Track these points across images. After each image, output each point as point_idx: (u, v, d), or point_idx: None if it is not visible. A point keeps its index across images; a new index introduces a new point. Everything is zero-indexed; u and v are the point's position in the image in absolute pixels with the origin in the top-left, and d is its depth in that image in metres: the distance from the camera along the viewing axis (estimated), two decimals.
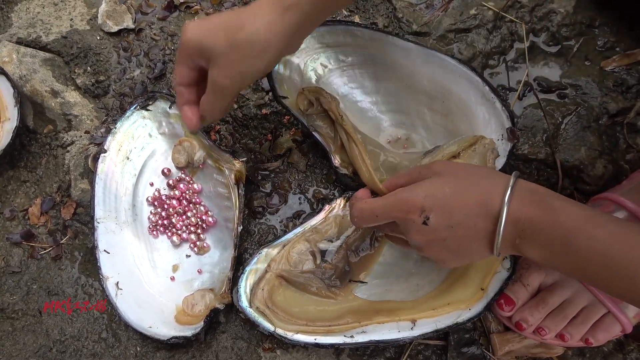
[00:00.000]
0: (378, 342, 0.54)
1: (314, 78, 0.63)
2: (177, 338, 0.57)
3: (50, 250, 0.67)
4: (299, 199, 0.66)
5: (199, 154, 0.63)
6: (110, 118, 0.71)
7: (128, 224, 0.64)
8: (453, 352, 0.58)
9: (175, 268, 0.63)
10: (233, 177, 0.61)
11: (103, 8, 0.73)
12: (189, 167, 0.65)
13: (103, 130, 0.69)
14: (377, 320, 0.56)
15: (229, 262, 0.59)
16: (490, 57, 0.67)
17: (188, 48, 0.49)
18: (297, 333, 0.55)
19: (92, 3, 0.75)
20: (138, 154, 0.65)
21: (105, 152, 0.63)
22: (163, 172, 0.65)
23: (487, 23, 0.67)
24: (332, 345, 0.54)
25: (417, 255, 0.60)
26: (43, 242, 0.67)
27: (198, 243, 0.64)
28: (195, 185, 0.64)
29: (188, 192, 0.64)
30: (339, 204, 0.61)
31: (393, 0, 0.71)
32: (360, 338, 0.54)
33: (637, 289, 0.39)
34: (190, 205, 0.64)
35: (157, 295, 0.61)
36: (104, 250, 0.61)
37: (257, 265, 0.58)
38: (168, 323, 0.59)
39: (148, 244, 0.64)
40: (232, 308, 0.60)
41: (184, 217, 0.64)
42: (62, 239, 0.67)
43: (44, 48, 0.73)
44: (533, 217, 0.41)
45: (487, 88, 0.58)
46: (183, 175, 0.65)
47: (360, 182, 0.60)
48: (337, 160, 0.61)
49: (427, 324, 0.55)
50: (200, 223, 0.64)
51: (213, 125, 0.69)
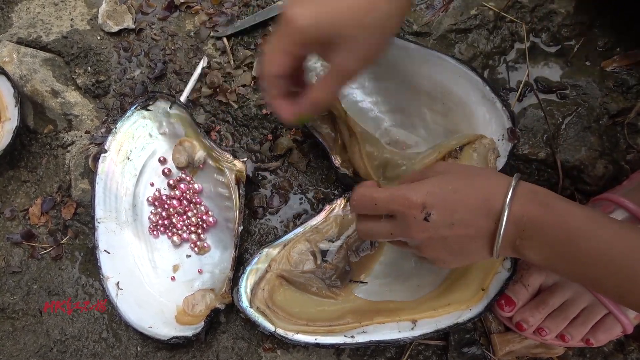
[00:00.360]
0: (378, 342, 0.54)
1: (315, 79, 0.63)
2: (177, 338, 0.57)
3: (51, 250, 0.67)
4: (300, 199, 0.66)
5: (200, 154, 0.63)
6: (111, 118, 0.71)
7: (128, 224, 0.64)
8: (454, 352, 0.58)
9: (176, 268, 0.63)
10: (233, 177, 0.61)
11: (103, 8, 0.73)
12: (190, 167, 0.65)
13: (103, 130, 0.69)
14: (377, 321, 0.56)
15: (230, 262, 0.59)
16: (491, 57, 0.67)
17: (301, 35, 0.44)
18: (297, 333, 0.55)
19: (92, 3, 0.75)
20: (138, 154, 0.65)
21: (106, 152, 0.63)
22: (163, 172, 0.65)
23: (487, 23, 0.67)
24: (332, 346, 0.54)
25: (416, 258, 0.60)
26: (43, 242, 0.67)
27: (198, 243, 0.64)
28: (196, 185, 0.64)
29: (188, 192, 0.64)
30: (340, 204, 0.61)
31: None
32: (361, 338, 0.54)
33: (637, 290, 0.39)
34: (191, 205, 0.64)
35: (157, 295, 0.61)
36: (105, 250, 0.61)
37: (257, 265, 0.58)
38: (168, 323, 0.59)
39: (148, 244, 0.64)
40: (232, 308, 0.60)
41: (185, 217, 0.64)
42: (62, 239, 0.67)
43: (45, 48, 0.73)
44: (534, 217, 0.41)
45: (487, 88, 0.58)
46: (183, 175, 0.65)
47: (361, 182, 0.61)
48: (337, 161, 0.61)
49: (427, 324, 0.55)
50: (201, 223, 0.64)
51: (214, 125, 0.69)
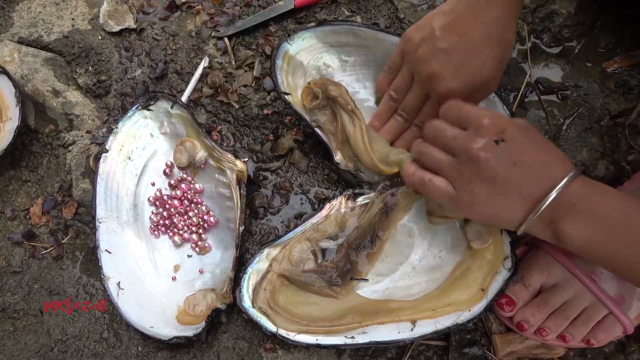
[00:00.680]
0: (378, 343, 0.54)
1: (317, 77, 0.63)
2: (178, 338, 0.57)
3: (52, 250, 0.67)
4: (301, 200, 0.66)
5: (201, 154, 0.63)
6: (112, 118, 0.71)
7: (129, 224, 0.64)
8: (454, 352, 0.58)
9: (177, 268, 0.63)
10: (235, 177, 0.61)
11: (105, 8, 0.73)
12: (191, 167, 0.65)
13: (104, 130, 0.69)
14: (377, 321, 0.56)
15: (231, 262, 0.59)
16: None
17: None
18: (298, 333, 0.55)
19: (93, 3, 0.75)
20: (140, 154, 0.65)
21: (107, 152, 0.63)
22: (164, 172, 0.65)
23: None
24: (333, 346, 0.54)
25: (416, 257, 0.60)
26: (44, 241, 0.67)
27: (199, 243, 0.64)
28: (197, 185, 0.64)
29: (189, 192, 0.64)
30: (340, 202, 0.61)
31: (395, 1, 0.71)
32: (361, 339, 0.54)
33: None
34: (192, 205, 0.64)
35: (158, 295, 0.61)
36: (106, 250, 0.61)
37: (259, 265, 0.58)
38: (169, 323, 0.59)
39: (149, 244, 0.64)
40: (233, 308, 0.60)
41: (186, 217, 0.64)
42: (63, 239, 0.67)
43: (46, 48, 0.73)
44: (590, 195, 0.43)
45: None
46: (185, 175, 0.65)
47: (362, 179, 0.61)
48: (338, 156, 0.61)
49: (427, 325, 0.55)
50: (202, 223, 0.64)
51: (215, 125, 0.69)
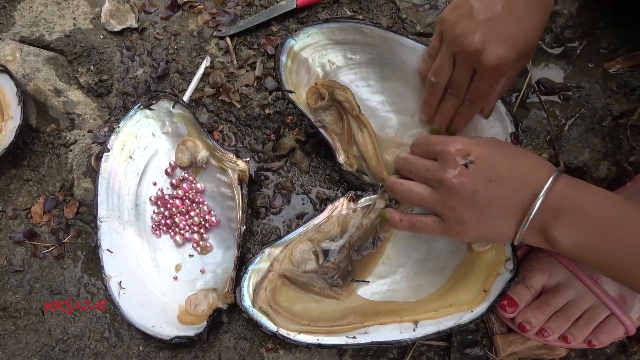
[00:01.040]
0: (380, 343, 0.54)
1: (321, 74, 0.63)
2: (179, 338, 0.57)
3: (53, 249, 0.67)
4: (302, 200, 0.66)
5: (202, 154, 0.63)
6: (113, 117, 0.71)
7: (131, 224, 0.64)
8: (456, 353, 0.58)
9: (178, 268, 0.63)
10: (236, 177, 0.61)
11: (106, 7, 0.73)
12: (192, 166, 0.65)
13: (106, 130, 0.69)
14: (379, 321, 0.56)
15: (232, 262, 0.59)
16: None
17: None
18: (299, 333, 0.55)
19: (95, 2, 0.75)
20: (141, 154, 0.65)
21: (108, 151, 0.63)
22: (166, 171, 0.65)
23: None
24: (334, 346, 0.54)
25: (417, 259, 0.60)
26: (46, 241, 0.67)
27: (201, 243, 0.63)
28: (199, 185, 0.64)
29: (191, 191, 0.64)
30: (342, 203, 0.61)
31: (397, 1, 0.70)
32: (363, 339, 0.54)
33: None
34: (193, 205, 0.64)
35: (160, 295, 0.61)
36: (107, 250, 0.61)
37: (259, 265, 0.58)
38: (171, 323, 0.59)
39: (151, 244, 0.64)
40: (234, 308, 0.60)
41: (187, 216, 0.64)
42: (64, 238, 0.67)
43: (47, 47, 0.73)
44: (576, 198, 0.41)
45: None
46: (186, 175, 0.65)
47: (364, 180, 0.61)
48: (341, 157, 0.61)
49: (429, 325, 0.55)
50: (203, 223, 0.64)
51: (216, 125, 0.69)
